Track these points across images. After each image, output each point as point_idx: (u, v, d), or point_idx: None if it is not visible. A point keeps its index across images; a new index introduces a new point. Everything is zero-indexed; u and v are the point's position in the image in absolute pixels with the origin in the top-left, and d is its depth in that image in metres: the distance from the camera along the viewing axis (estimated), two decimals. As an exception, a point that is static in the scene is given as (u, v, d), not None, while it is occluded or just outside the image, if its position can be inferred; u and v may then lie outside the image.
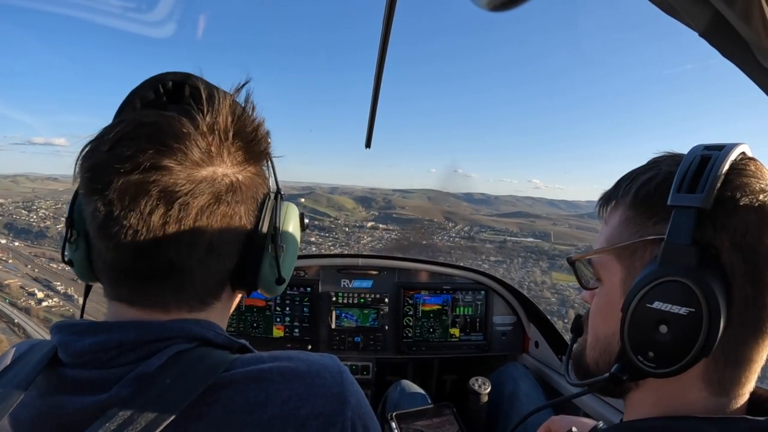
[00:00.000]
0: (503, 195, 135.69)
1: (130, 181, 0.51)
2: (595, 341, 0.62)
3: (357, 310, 2.22)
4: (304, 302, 2.18)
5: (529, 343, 2.24)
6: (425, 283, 2.29)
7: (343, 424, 0.55)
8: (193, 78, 0.61)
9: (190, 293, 0.59)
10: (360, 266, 2.27)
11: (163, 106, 0.59)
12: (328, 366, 0.60)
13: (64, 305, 40.58)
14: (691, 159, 0.54)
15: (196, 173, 0.54)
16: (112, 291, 0.58)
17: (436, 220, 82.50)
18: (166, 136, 0.53)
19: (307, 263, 2.23)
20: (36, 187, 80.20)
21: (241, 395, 0.53)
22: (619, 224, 0.59)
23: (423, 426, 1.58)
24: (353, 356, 2.17)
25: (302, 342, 2.16)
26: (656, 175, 0.56)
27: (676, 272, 0.50)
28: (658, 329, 0.51)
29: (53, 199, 64.39)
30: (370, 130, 1.50)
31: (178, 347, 0.54)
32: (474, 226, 77.64)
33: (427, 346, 2.22)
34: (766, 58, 0.55)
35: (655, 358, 0.52)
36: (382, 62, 1.15)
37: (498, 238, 70.40)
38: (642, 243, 0.56)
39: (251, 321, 2.16)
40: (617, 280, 0.58)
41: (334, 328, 2.19)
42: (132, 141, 0.52)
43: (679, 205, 0.51)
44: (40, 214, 60.49)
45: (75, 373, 0.53)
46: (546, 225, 76.44)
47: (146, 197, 0.52)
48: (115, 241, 0.53)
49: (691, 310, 0.49)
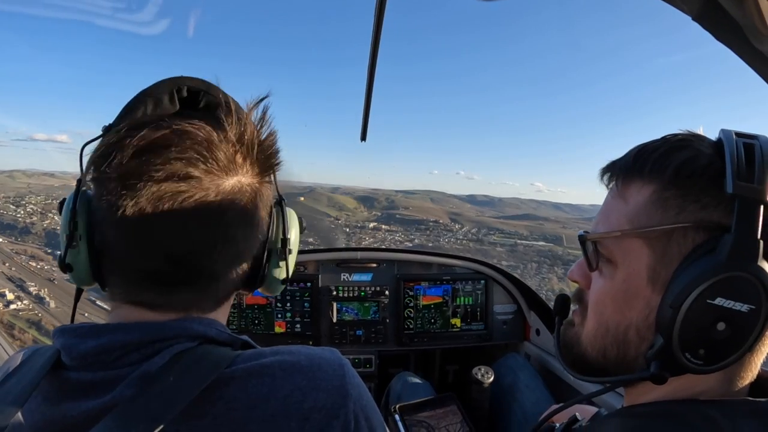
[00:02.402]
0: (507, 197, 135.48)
1: (163, 190, 0.52)
2: (604, 330, 0.58)
3: (357, 303, 2.22)
4: (305, 297, 2.18)
5: (530, 331, 2.25)
6: (425, 274, 2.30)
7: (346, 416, 0.56)
8: (213, 87, 0.63)
9: (212, 297, 0.61)
10: (359, 259, 2.27)
11: (180, 113, 0.60)
12: (328, 359, 0.60)
13: (33, 308, 39.64)
14: (734, 145, 0.50)
15: (224, 183, 0.56)
16: (131, 294, 0.58)
17: (442, 222, 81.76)
18: (198, 145, 0.54)
19: (306, 258, 2.23)
20: (32, 183, 79.63)
21: (243, 391, 0.53)
22: (648, 203, 0.54)
23: (426, 417, 1.60)
24: (355, 349, 2.18)
25: (304, 337, 2.16)
26: (698, 156, 0.52)
27: (744, 268, 0.47)
28: (715, 327, 0.48)
29: (45, 194, 63.56)
30: (365, 123, 1.50)
31: (180, 346, 0.54)
32: (481, 228, 76.96)
33: (429, 337, 2.23)
34: (759, 41, 0.55)
35: (705, 355, 0.50)
36: (375, 54, 1.14)
37: (508, 241, 69.49)
38: (682, 228, 0.51)
39: (252, 318, 2.16)
40: (642, 266, 0.54)
41: (336, 322, 2.19)
42: (163, 148, 0.53)
43: (745, 195, 0.47)
44: (28, 209, 59.36)
45: (79, 375, 0.53)
46: (555, 228, 75.71)
47: (179, 206, 0.53)
48: (146, 247, 0.54)
49: (752, 307, 0.47)
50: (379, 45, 1.10)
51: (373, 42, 1.09)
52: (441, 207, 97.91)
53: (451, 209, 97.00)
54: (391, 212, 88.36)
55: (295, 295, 2.18)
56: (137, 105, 0.60)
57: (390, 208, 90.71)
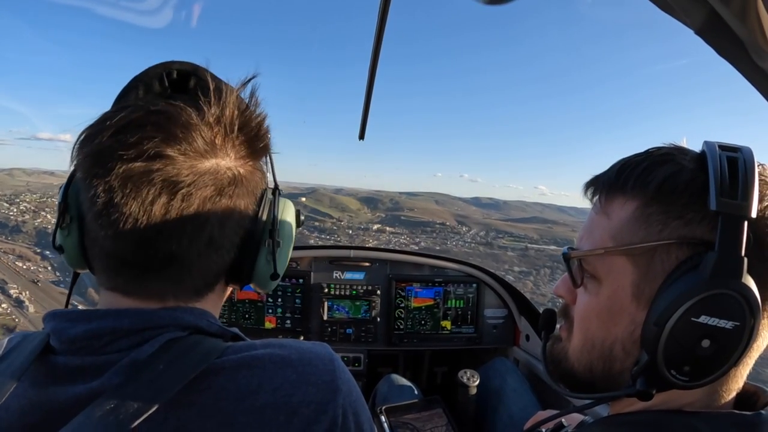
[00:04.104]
0: (512, 200, 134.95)
1: (133, 168, 0.51)
2: (590, 345, 0.58)
3: (349, 301, 2.22)
4: (296, 293, 2.17)
5: (520, 337, 2.25)
6: (417, 275, 2.30)
7: (335, 411, 0.56)
8: (201, 69, 0.61)
9: (188, 285, 0.59)
10: (352, 258, 2.26)
11: (168, 95, 0.59)
12: (319, 354, 0.60)
13: (12, 313, 38.87)
14: (718, 159, 0.50)
15: (200, 164, 0.54)
16: (108, 280, 0.57)
17: (449, 224, 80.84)
18: (173, 125, 0.53)
19: (299, 254, 2.22)
20: (31, 181, 78.97)
21: (232, 382, 0.53)
22: (631, 220, 0.54)
23: (412, 419, 1.60)
24: (345, 348, 2.18)
25: (294, 333, 2.16)
26: (681, 171, 0.52)
27: (727, 285, 0.47)
28: (700, 344, 0.48)
29: (42, 192, 62.63)
30: (364, 122, 1.49)
31: (170, 335, 0.54)
32: (490, 230, 76.09)
33: (419, 338, 2.23)
34: (761, 57, 0.55)
35: (690, 371, 0.49)
36: (377, 53, 1.13)
37: (518, 245, 68.67)
38: (666, 245, 0.51)
39: (243, 312, 2.15)
40: (627, 283, 0.54)
41: (326, 320, 2.19)
42: (138, 128, 0.52)
43: (728, 212, 0.47)
44: (21, 207, 58.42)
45: (67, 360, 0.53)
46: (565, 231, 75.19)
47: (149, 186, 0.51)
48: (114, 228, 0.52)
49: (737, 323, 0.47)
50: (381, 42, 1.09)
51: (376, 39, 1.08)
52: (446, 209, 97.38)
53: (456, 211, 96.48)
54: (395, 214, 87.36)
55: (286, 291, 2.17)
56: (129, 90, 0.60)
57: (394, 209, 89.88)
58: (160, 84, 0.60)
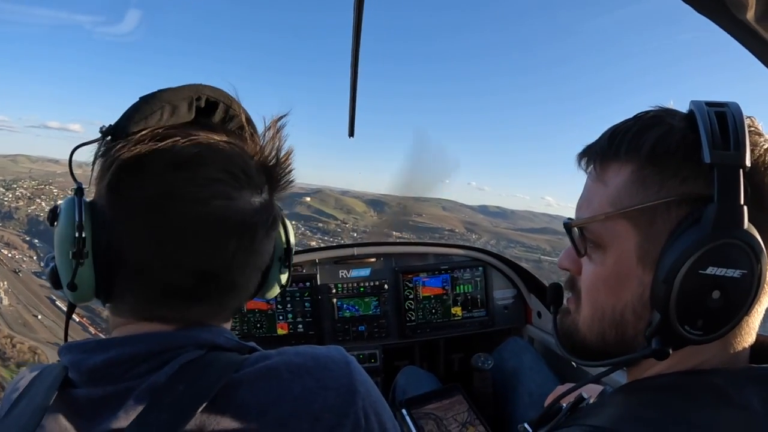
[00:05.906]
0: (519, 210, 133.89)
1: (204, 211, 0.53)
2: (600, 314, 0.58)
3: (358, 299, 2.22)
4: (305, 297, 2.17)
5: (531, 314, 2.26)
6: (422, 265, 2.30)
7: (356, 414, 0.56)
8: (233, 101, 0.62)
9: (232, 308, 0.63)
10: (356, 255, 2.26)
11: (195, 122, 0.59)
12: (334, 358, 0.60)
13: None
14: (706, 115, 0.50)
15: (255, 201, 0.58)
16: (146, 311, 0.57)
17: (458, 231, 79.81)
18: (233, 165, 0.56)
19: (303, 258, 2.22)
20: (34, 168, 77.84)
21: (253, 396, 0.53)
22: (628, 184, 0.54)
23: (433, 409, 1.60)
24: (359, 345, 2.18)
25: (307, 337, 2.16)
26: (671, 131, 0.52)
27: (730, 234, 0.47)
28: (710, 296, 0.49)
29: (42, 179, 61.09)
30: (351, 119, 1.48)
31: (189, 355, 0.54)
32: (500, 240, 75.11)
33: (431, 328, 2.24)
34: (739, 11, 0.55)
35: (703, 325, 0.50)
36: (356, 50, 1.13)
37: (532, 257, 67.69)
38: (665, 204, 0.52)
39: (254, 322, 2.15)
40: (630, 247, 0.54)
41: (338, 320, 2.19)
42: (200, 165, 0.54)
43: (723, 163, 0.47)
44: (18, 193, 57.02)
45: (88, 392, 0.53)
46: None
47: (218, 226, 0.54)
48: (175, 264, 0.54)
49: (744, 272, 0.48)
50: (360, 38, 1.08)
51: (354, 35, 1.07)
52: (454, 216, 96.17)
53: (464, 218, 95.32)
54: (403, 218, 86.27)
55: (295, 296, 2.17)
56: (153, 110, 0.56)
57: (402, 213, 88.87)
58: (188, 109, 0.58)
